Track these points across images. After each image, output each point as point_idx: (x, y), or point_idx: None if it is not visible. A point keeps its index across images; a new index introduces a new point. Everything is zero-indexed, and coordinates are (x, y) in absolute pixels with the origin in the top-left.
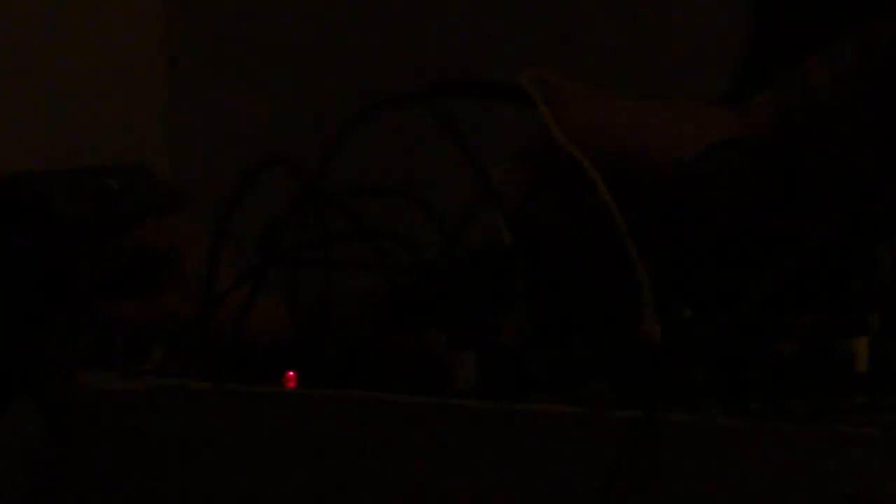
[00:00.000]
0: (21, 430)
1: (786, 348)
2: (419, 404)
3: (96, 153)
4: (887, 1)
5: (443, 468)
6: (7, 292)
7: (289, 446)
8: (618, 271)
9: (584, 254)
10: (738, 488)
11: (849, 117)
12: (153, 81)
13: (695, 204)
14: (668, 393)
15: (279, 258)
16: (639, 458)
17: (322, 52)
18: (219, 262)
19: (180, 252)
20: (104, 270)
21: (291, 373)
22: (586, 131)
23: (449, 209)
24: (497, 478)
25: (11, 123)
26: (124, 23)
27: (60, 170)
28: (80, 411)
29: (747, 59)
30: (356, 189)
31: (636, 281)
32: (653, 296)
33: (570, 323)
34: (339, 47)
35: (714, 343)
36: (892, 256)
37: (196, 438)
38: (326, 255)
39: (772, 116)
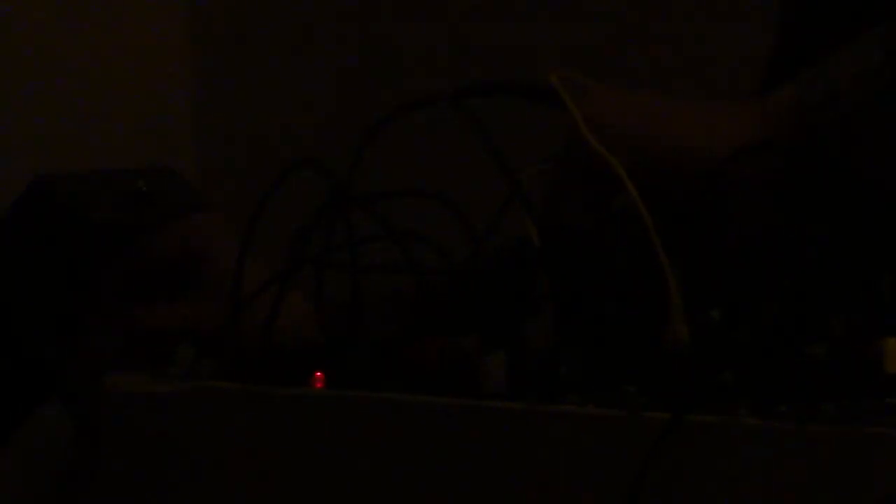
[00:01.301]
0: (49, 432)
1: (815, 350)
2: (449, 406)
3: (123, 156)
4: None
5: (472, 470)
6: (37, 293)
7: (318, 447)
8: (646, 273)
9: (612, 256)
10: (768, 490)
11: (872, 114)
12: (179, 84)
13: (723, 205)
14: (697, 395)
15: (308, 261)
16: (668, 461)
17: (351, 51)
18: (246, 264)
19: (209, 253)
20: (134, 272)
21: (319, 374)
22: (615, 131)
23: (477, 211)
24: (527, 480)
25: (37, 125)
26: (149, 26)
27: (90, 172)
28: (108, 414)
29: (773, 58)
30: (384, 191)
31: (665, 283)
32: (681, 298)
33: (600, 325)
34: (368, 46)
35: (743, 345)
36: None
37: (225, 440)
38: (354, 257)
39: (795, 114)
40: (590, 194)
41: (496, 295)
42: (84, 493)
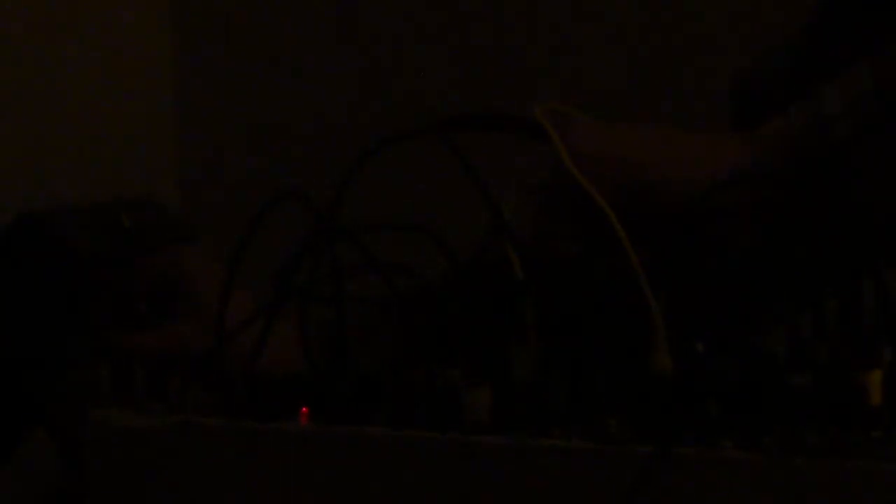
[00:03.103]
0: (35, 464)
1: (799, 381)
2: (434, 441)
3: (109, 184)
4: None
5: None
6: (25, 326)
7: (303, 482)
8: (630, 304)
9: (596, 287)
10: None
11: (861, 139)
12: (164, 114)
13: (707, 236)
14: (681, 427)
15: (293, 292)
16: (653, 493)
17: (339, 81)
18: (231, 295)
19: (194, 284)
20: (120, 303)
21: (305, 409)
22: (599, 163)
23: (461, 242)
24: None
25: (26, 155)
26: (134, 56)
27: (77, 206)
28: (94, 446)
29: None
30: (369, 224)
31: (649, 314)
32: (665, 329)
33: (584, 357)
34: (357, 77)
35: (727, 376)
36: None
37: (211, 475)
38: (339, 289)
39: (784, 141)
40: (574, 226)
41: (480, 327)
42: None
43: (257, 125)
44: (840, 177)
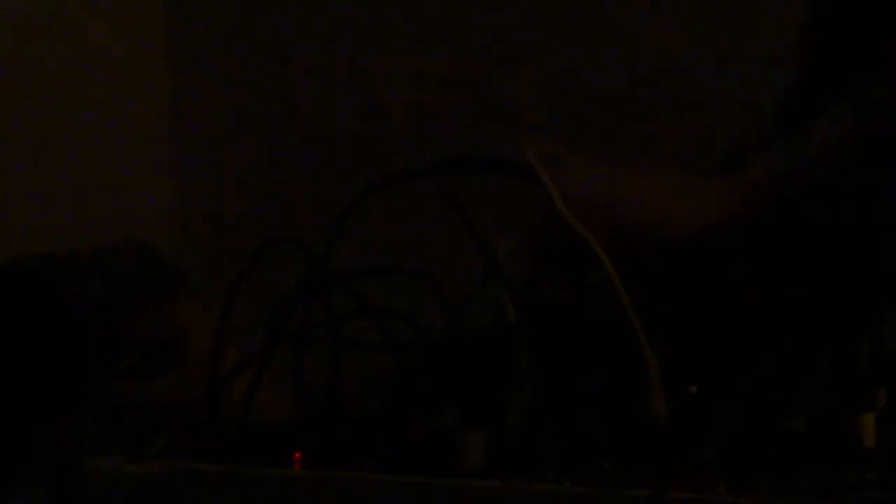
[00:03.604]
0: None
1: (793, 425)
2: (428, 486)
3: (104, 227)
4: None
5: None
6: (17, 373)
7: None
8: (624, 348)
9: (589, 330)
10: None
11: (841, 180)
12: (159, 160)
13: (699, 279)
14: (675, 471)
15: (287, 338)
16: None
17: (337, 120)
18: (223, 343)
19: (185, 337)
20: (111, 353)
21: (298, 454)
22: (589, 206)
23: (455, 287)
24: None
25: (20, 192)
26: (132, 100)
27: (69, 251)
28: (88, 494)
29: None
30: (363, 269)
31: (643, 358)
32: (659, 373)
33: (577, 401)
34: (354, 116)
35: (722, 420)
36: None
37: None
38: (334, 335)
39: (771, 185)
40: (567, 269)
41: (475, 371)
42: None
43: (256, 167)
44: (824, 215)
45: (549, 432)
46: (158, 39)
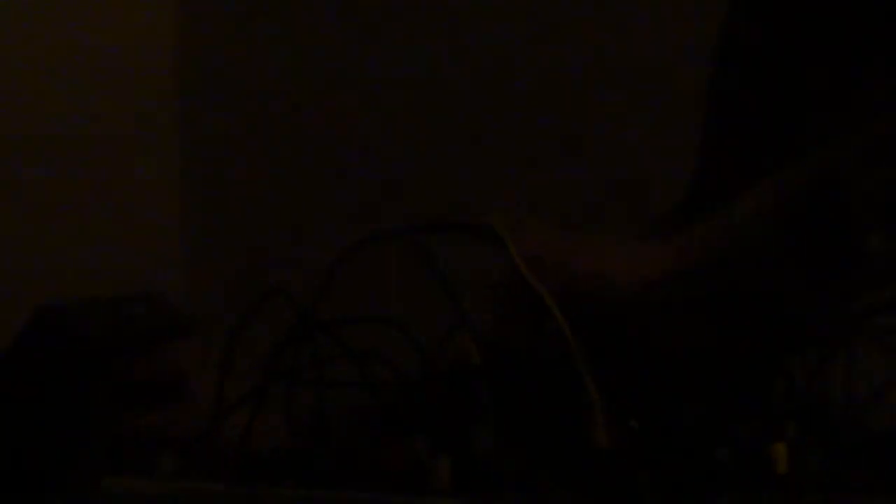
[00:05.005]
0: None
1: (720, 454)
2: (400, 502)
3: (115, 279)
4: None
5: None
6: (39, 411)
7: None
8: (573, 388)
9: (544, 372)
10: None
11: (765, 246)
12: (168, 216)
13: (639, 329)
14: (616, 493)
15: (280, 377)
16: None
17: (329, 182)
18: (226, 381)
19: (189, 374)
20: (125, 389)
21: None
22: (546, 267)
23: (426, 332)
24: None
25: (32, 250)
26: (142, 154)
27: (91, 300)
28: None
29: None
30: (346, 317)
31: (588, 397)
32: (602, 409)
33: (533, 432)
34: (344, 175)
35: (657, 450)
36: (806, 372)
37: None
38: (320, 374)
39: (704, 249)
40: (525, 318)
41: (443, 406)
42: None
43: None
44: (750, 277)
45: (509, 459)
46: (173, 110)
